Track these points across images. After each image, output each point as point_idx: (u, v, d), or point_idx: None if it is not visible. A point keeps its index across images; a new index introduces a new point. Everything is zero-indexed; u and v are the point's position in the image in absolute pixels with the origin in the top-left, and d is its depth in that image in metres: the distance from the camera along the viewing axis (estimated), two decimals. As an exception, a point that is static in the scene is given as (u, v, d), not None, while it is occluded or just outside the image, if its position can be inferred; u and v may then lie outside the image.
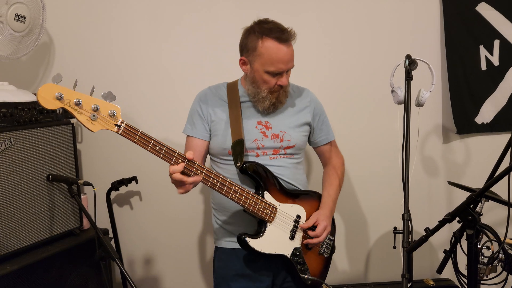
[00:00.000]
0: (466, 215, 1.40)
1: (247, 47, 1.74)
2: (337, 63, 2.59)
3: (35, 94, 2.10)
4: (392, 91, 1.92)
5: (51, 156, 2.09)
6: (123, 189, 2.54)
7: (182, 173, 1.54)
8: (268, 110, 1.81)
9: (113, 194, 2.53)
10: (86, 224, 2.27)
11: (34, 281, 1.95)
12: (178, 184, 1.57)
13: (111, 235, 2.48)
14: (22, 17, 1.99)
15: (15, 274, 1.87)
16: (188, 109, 1.91)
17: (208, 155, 1.91)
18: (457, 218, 1.47)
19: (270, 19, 1.75)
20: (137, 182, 2.50)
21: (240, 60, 1.79)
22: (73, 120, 2.20)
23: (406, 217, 1.62)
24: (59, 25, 2.41)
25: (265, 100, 1.77)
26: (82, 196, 2.29)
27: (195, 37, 2.50)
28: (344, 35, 2.58)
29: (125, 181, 2.46)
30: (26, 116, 1.99)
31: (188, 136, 1.88)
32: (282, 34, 1.68)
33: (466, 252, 1.68)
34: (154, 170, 2.54)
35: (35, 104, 2.03)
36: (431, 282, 2.59)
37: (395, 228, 1.78)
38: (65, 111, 2.15)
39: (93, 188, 1.98)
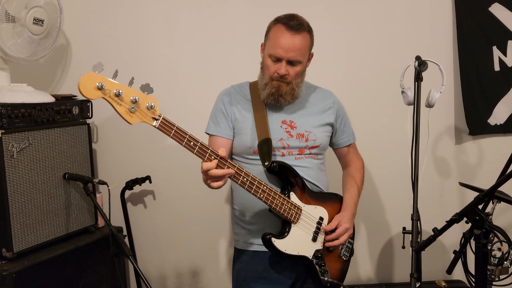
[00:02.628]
0: (474, 215, 1.40)
1: (266, 32, 1.80)
2: (347, 64, 2.59)
3: (52, 95, 2.17)
4: (402, 92, 1.92)
5: (68, 155, 2.15)
6: (136, 188, 2.59)
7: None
8: (269, 101, 1.79)
9: (127, 193, 2.58)
10: (100, 222, 2.33)
11: (50, 276, 2.01)
12: (213, 179, 1.56)
13: (125, 233, 2.52)
14: (41, 20, 2.05)
15: (32, 269, 1.93)
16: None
17: None
18: (466, 219, 1.47)
19: (299, 16, 1.78)
20: (150, 182, 2.55)
21: (261, 45, 1.84)
22: (89, 121, 2.26)
23: (415, 217, 1.63)
24: (76, 28, 2.47)
25: (266, 88, 1.77)
26: (97, 195, 2.35)
27: (210, 36, 2.54)
28: (354, 36, 2.58)
29: (139, 181, 2.51)
30: (44, 117, 2.05)
31: (211, 135, 1.87)
32: (290, 21, 1.70)
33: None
34: (167, 170, 2.59)
35: (53, 104, 2.09)
36: (443, 284, 2.58)
37: (404, 228, 1.78)
38: (81, 111, 2.22)
39: (108, 186, 2.03)
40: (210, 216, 2.66)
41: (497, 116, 2.63)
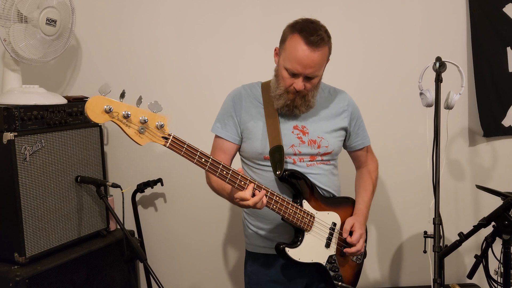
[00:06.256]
0: (503, 220, 1.38)
1: (282, 38, 1.71)
2: (360, 66, 2.56)
3: (64, 97, 2.14)
4: (421, 93, 1.89)
5: (80, 158, 2.12)
6: (147, 191, 2.56)
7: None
8: (282, 111, 1.74)
9: (138, 196, 2.55)
10: (112, 225, 2.30)
11: (63, 281, 1.98)
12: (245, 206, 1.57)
13: (136, 236, 2.49)
14: (53, 21, 2.02)
15: (45, 274, 1.90)
16: (216, 111, 1.88)
17: (241, 158, 1.88)
18: (494, 223, 1.44)
19: (317, 20, 1.69)
20: (162, 184, 2.51)
21: (275, 49, 1.76)
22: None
23: (437, 221, 1.60)
24: (86, 29, 2.43)
25: (280, 99, 1.71)
26: (108, 198, 2.32)
27: (221, 36, 2.51)
28: (367, 37, 2.55)
29: (151, 183, 2.47)
30: (56, 119, 2.02)
31: (217, 136, 1.83)
32: (310, 36, 1.60)
33: (499, 258, 1.66)
34: (178, 172, 2.56)
35: (65, 106, 2.07)
36: None
37: (425, 232, 1.75)
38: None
39: (122, 190, 2.00)
40: (221, 218, 2.63)
41: (511, 118, 2.61)
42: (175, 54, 2.51)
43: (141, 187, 2.46)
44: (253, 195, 1.54)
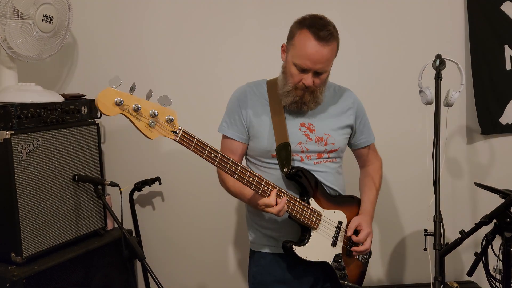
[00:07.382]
0: (504, 217, 1.37)
1: (289, 35, 1.70)
2: (360, 63, 2.56)
3: (60, 95, 2.11)
4: (421, 91, 1.88)
5: (77, 157, 2.10)
6: (145, 190, 2.54)
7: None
8: (290, 108, 1.73)
9: (136, 194, 2.53)
10: (109, 224, 2.28)
11: (60, 281, 1.96)
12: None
13: (134, 235, 2.47)
14: (50, 17, 2.00)
15: (42, 274, 1.88)
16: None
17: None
18: (496, 221, 1.44)
19: (325, 16, 1.69)
20: (160, 183, 2.50)
21: (282, 46, 1.74)
22: (98, 121, 2.20)
23: (438, 219, 1.60)
24: (83, 26, 2.41)
25: (289, 96, 1.70)
26: (106, 197, 2.30)
27: (221, 36, 2.50)
28: (365, 35, 2.55)
29: (149, 182, 2.45)
30: (53, 117, 2.00)
31: (225, 136, 1.81)
32: (319, 31, 1.60)
33: (499, 255, 1.66)
34: (176, 171, 2.55)
35: (62, 104, 2.04)
36: (455, 285, 2.55)
37: (425, 230, 1.74)
38: (89, 111, 2.17)
39: (120, 189, 1.98)
40: (220, 217, 2.62)
41: (509, 115, 2.61)
42: (174, 51, 2.49)
43: (138, 186, 2.44)
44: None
